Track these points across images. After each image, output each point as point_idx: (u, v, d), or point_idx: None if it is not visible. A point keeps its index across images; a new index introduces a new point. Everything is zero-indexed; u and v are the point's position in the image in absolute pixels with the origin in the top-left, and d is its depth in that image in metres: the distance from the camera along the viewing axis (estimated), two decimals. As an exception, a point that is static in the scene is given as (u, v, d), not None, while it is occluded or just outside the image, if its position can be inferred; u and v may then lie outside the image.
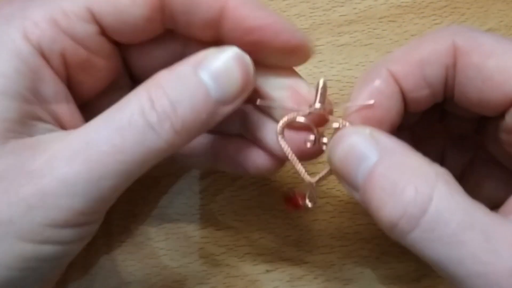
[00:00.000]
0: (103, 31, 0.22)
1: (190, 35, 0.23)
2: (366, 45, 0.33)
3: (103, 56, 0.23)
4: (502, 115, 0.21)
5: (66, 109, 0.22)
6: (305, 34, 0.22)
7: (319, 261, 0.30)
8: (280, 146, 0.23)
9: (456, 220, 0.18)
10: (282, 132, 0.23)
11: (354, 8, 0.33)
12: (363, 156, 0.19)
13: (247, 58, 0.21)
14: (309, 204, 0.23)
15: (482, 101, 0.21)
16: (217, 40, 0.22)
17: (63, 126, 0.22)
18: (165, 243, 0.30)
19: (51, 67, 0.21)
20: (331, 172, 0.22)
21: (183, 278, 0.29)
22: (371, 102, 0.22)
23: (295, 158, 0.22)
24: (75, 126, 0.21)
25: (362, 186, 0.19)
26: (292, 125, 0.23)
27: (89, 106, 0.24)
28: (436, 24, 0.33)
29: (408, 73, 0.21)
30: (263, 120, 0.24)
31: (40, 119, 0.21)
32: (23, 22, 0.21)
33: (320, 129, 0.23)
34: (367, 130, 0.20)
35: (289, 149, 0.22)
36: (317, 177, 0.23)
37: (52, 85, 0.21)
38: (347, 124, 0.22)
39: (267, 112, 0.24)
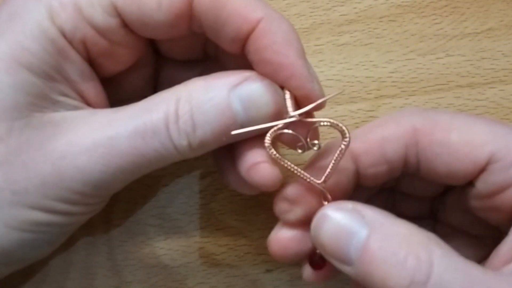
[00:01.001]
0: (126, 25, 0.22)
1: (218, 43, 0.23)
2: (366, 44, 0.33)
3: (125, 46, 0.23)
4: (470, 183, 0.22)
5: (91, 87, 0.22)
6: (320, 89, 0.22)
7: (319, 261, 0.30)
8: (274, 159, 0.22)
9: (458, 281, 0.18)
10: (271, 145, 0.22)
11: (354, 8, 0.33)
12: (352, 232, 0.20)
13: (280, 93, 0.21)
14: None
15: (451, 172, 0.22)
16: (242, 54, 0.22)
17: (88, 103, 0.22)
18: (165, 243, 0.30)
19: (74, 48, 0.21)
20: (334, 169, 0.22)
21: (183, 278, 0.29)
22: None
23: (293, 165, 0.22)
24: (100, 103, 0.22)
25: (357, 261, 0.19)
26: (278, 139, 0.22)
27: (112, 80, 0.24)
28: (436, 23, 0.33)
29: (368, 150, 0.22)
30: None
31: (65, 95, 0.21)
32: (51, 3, 0.21)
33: (309, 133, 0.23)
34: (349, 205, 0.20)
35: (284, 159, 0.22)
36: (322, 178, 0.22)
37: (77, 65, 0.22)
38: (326, 122, 0.22)
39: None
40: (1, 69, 0.20)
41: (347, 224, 0.20)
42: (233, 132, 0.21)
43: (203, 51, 0.26)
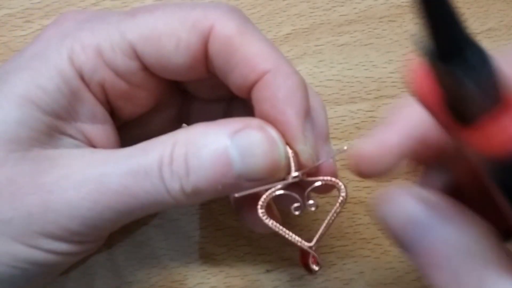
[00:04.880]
0: (146, 68, 0.22)
1: (227, 85, 0.23)
2: (366, 45, 0.33)
3: (145, 88, 0.23)
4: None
5: (101, 130, 0.22)
6: (310, 153, 0.22)
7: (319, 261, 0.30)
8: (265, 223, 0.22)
9: None
10: (264, 211, 0.22)
11: (354, 8, 0.33)
12: (418, 225, 0.18)
13: (281, 148, 0.21)
14: (315, 268, 0.23)
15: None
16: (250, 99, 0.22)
17: (92, 144, 0.22)
18: (165, 243, 0.30)
19: (91, 91, 0.22)
20: (326, 230, 0.23)
21: (183, 278, 0.29)
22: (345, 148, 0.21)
23: (286, 230, 0.22)
24: (108, 147, 0.22)
25: (416, 252, 0.18)
26: (274, 200, 0.23)
27: (136, 123, 0.24)
28: (436, 24, 0.33)
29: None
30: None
31: (69, 135, 0.21)
32: (73, 44, 0.21)
33: (305, 192, 0.23)
34: (420, 192, 0.19)
35: (277, 224, 0.22)
36: (314, 240, 0.23)
37: (89, 107, 0.22)
38: (340, 183, 0.22)
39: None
40: (11, 103, 0.20)
41: (417, 218, 0.18)
42: (237, 195, 0.21)
43: (228, 90, 0.26)
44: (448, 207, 0.18)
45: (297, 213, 0.22)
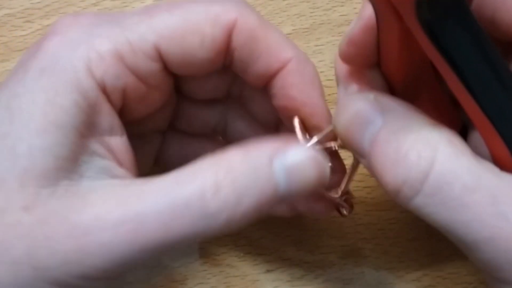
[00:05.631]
0: (166, 67, 0.22)
1: (242, 76, 0.23)
2: (366, 45, 0.33)
3: (161, 89, 0.23)
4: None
5: (119, 142, 0.22)
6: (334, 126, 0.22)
7: (319, 261, 0.30)
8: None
9: (460, 182, 0.17)
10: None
11: (355, 8, 0.33)
12: (368, 122, 0.19)
13: (326, 165, 0.20)
14: (345, 212, 0.25)
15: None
16: (265, 88, 0.23)
17: (116, 157, 0.21)
18: (165, 243, 0.30)
19: (109, 101, 0.21)
20: (351, 177, 0.23)
21: (183, 278, 0.29)
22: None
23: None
24: (127, 159, 0.21)
25: (367, 152, 0.19)
26: None
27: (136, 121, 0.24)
28: (436, 24, 0.33)
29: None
30: None
31: (93, 153, 0.20)
32: (88, 53, 0.20)
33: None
34: (371, 95, 0.20)
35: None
36: (339, 192, 0.24)
37: (108, 119, 0.21)
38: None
39: None
40: (32, 132, 0.19)
41: (365, 114, 0.19)
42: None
43: (227, 90, 0.26)
44: (391, 101, 0.20)
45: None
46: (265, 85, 0.23)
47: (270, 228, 0.30)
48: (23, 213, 0.18)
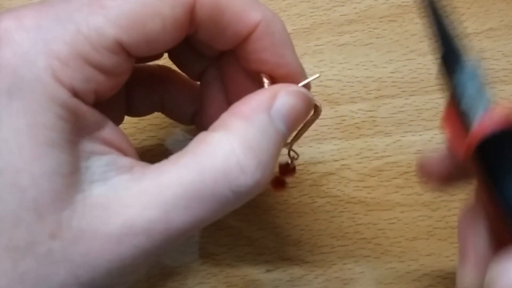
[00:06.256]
0: (129, 54, 0.21)
1: (211, 44, 0.23)
2: (366, 44, 0.33)
3: (126, 73, 0.22)
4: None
5: (109, 129, 0.21)
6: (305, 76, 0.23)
7: (319, 260, 0.30)
8: None
9: None
10: None
11: (355, 8, 0.33)
12: None
13: (307, 93, 0.22)
14: (292, 161, 0.25)
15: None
16: (234, 50, 0.23)
17: (113, 146, 0.21)
18: (165, 243, 0.30)
19: (84, 101, 0.20)
20: (301, 132, 0.24)
21: (183, 278, 0.29)
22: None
23: None
24: (121, 140, 0.21)
25: None
26: None
27: None
28: (436, 24, 0.33)
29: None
30: None
31: (91, 154, 0.20)
32: (50, 62, 0.18)
33: None
34: None
35: None
36: (289, 139, 0.24)
37: (91, 116, 0.20)
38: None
39: None
40: (27, 158, 0.18)
41: None
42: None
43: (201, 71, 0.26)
44: None
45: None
46: (233, 48, 0.23)
47: (270, 228, 0.30)
48: (52, 241, 0.18)
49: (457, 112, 0.18)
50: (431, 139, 0.32)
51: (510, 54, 0.33)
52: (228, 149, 0.19)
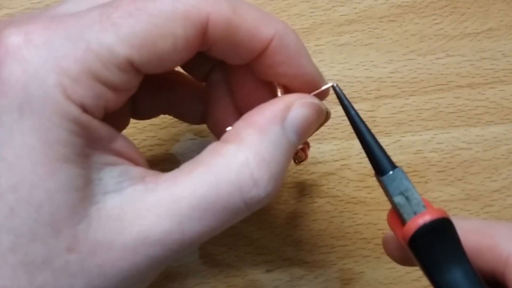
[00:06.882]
0: (139, 72, 0.21)
1: (224, 60, 0.23)
2: (366, 44, 0.33)
3: (135, 87, 0.21)
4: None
5: (120, 140, 0.21)
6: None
7: (319, 260, 0.30)
8: None
9: None
10: None
11: (355, 8, 0.33)
12: None
13: (320, 104, 0.23)
14: (297, 161, 0.26)
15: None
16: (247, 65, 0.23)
17: (125, 156, 0.21)
18: (165, 243, 0.30)
19: (95, 116, 0.20)
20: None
21: (183, 278, 0.29)
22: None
23: None
24: (133, 152, 0.21)
25: None
26: None
27: None
28: (436, 23, 0.33)
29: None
30: None
31: (103, 166, 0.20)
32: (61, 80, 0.18)
33: None
34: None
35: None
36: None
37: (102, 130, 0.20)
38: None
39: None
40: (42, 175, 0.18)
41: None
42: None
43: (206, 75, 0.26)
44: None
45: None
46: (253, 65, 0.22)
47: (270, 228, 0.30)
48: (69, 255, 0.18)
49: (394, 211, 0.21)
50: (431, 139, 0.32)
51: (510, 54, 0.33)
52: (242, 162, 0.20)
